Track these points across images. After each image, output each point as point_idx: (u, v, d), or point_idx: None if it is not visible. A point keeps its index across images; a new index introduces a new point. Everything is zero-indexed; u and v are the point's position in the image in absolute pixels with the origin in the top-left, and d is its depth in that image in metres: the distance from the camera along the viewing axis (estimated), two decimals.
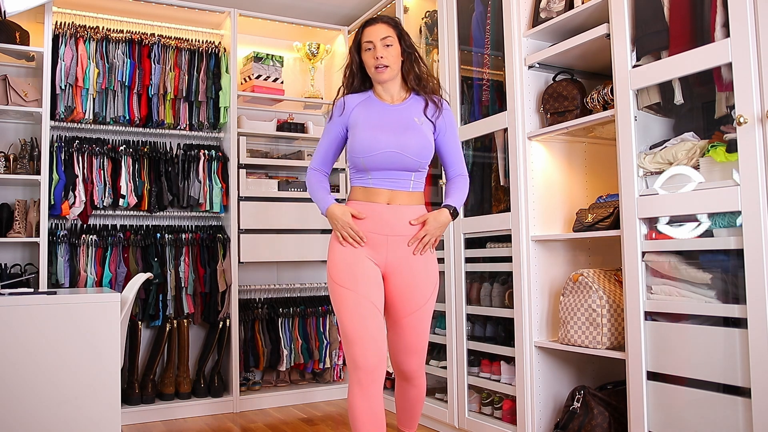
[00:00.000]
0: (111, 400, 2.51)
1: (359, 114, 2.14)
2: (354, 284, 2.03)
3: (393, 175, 2.09)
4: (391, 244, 2.08)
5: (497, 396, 2.98)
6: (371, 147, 2.06)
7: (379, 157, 2.07)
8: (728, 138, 2.05)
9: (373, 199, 2.10)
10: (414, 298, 2.11)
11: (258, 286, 4.05)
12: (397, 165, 2.08)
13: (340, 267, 2.06)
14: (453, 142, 2.21)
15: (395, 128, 2.09)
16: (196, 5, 3.84)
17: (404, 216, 2.10)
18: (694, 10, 2.14)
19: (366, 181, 2.12)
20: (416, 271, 2.11)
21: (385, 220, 2.08)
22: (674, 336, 2.15)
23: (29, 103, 3.38)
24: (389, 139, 2.07)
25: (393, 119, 2.11)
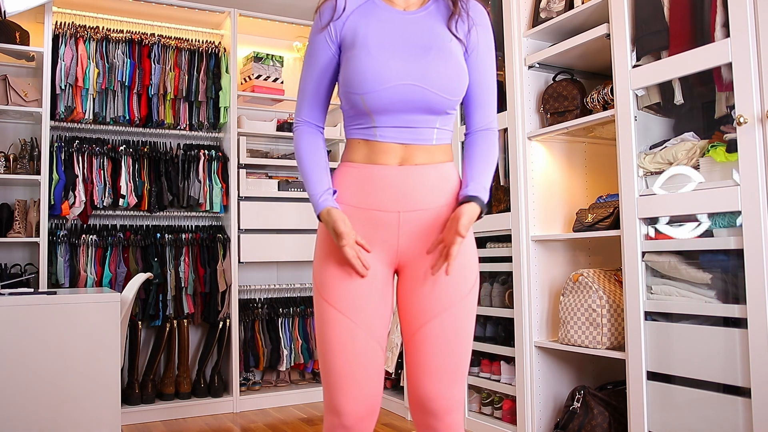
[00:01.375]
0: (111, 400, 2.51)
1: (357, 24, 1.43)
2: (350, 306, 1.38)
3: (410, 122, 1.40)
4: (405, 224, 1.41)
5: (497, 396, 2.98)
6: (377, 78, 1.37)
7: (389, 94, 1.37)
8: (728, 138, 2.05)
9: (379, 160, 1.41)
10: (441, 295, 1.41)
11: (258, 286, 4.05)
12: (417, 106, 1.39)
13: (331, 274, 1.40)
14: (488, 71, 1.49)
15: (413, 48, 1.40)
16: (196, 5, 3.84)
17: (424, 181, 1.41)
18: (694, 10, 2.14)
19: (369, 131, 1.42)
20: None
21: (396, 188, 1.40)
22: (674, 336, 2.15)
23: (29, 103, 3.38)
24: (405, 66, 1.38)
25: (409, 34, 1.42)
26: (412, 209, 1.41)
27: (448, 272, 1.36)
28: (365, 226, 1.41)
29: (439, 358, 1.39)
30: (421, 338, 1.40)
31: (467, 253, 1.44)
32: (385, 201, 1.41)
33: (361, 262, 1.38)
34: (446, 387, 1.39)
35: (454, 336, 1.40)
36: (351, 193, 1.43)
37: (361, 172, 1.43)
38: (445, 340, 1.40)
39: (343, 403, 1.37)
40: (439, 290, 1.41)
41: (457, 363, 1.40)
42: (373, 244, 1.41)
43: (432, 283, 1.41)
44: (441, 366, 1.39)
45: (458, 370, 1.41)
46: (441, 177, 1.43)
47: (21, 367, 2.38)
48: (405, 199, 1.40)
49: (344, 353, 1.37)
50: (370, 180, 1.42)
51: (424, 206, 1.41)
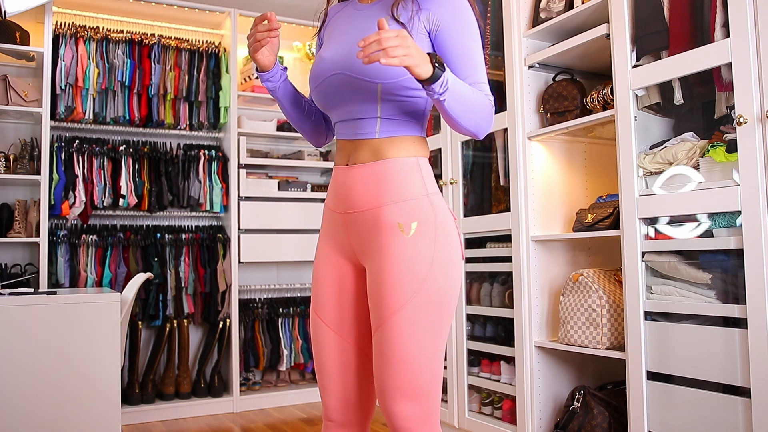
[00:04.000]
0: (111, 400, 2.51)
1: (331, 27, 1.48)
2: (319, 304, 1.42)
3: (350, 114, 1.38)
4: (348, 225, 1.39)
5: (497, 396, 2.98)
6: (315, 75, 1.40)
7: (323, 88, 1.38)
8: (728, 138, 2.05)
9: (337, 161, 1.44)
10: (377, 306, 1.31)
11: (258, 286, 4.05)
12: (348, 96, 1.35)
13: (313, 279, 1.46)
14: (460, 44, 1.36)
15: (351, 37, 1.37)
16: (196, 5, 3.84)
17: (360, 181, 1.36)
18: (694, 10, 2.14)
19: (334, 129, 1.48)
20: (381, 263, 1.32)
21: (340, 190, 1.40)
22: (674, 336, 2.15)
23: (29, 103, 3.38)
24: (335, 57, 1.36)
25: (354, 27, 1.40)
26: (350, 211, 1.38)
27: (360, 54, 1.16)
28: (332, 226, 1.44)
29: (385, 373, 1.28)
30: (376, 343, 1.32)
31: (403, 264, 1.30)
32: (336, 202, 1.42)
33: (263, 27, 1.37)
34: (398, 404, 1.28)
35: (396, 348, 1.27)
36: (329, 196, 1.46)
37: (333, 174, 1.46)
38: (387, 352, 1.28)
39: (325, 398, 1.40)
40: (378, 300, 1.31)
41: (406, 376, 1.27)
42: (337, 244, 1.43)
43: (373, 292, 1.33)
44: (388, 381, 1.28)
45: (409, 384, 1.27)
46: (376, 176, 1.34)
47: (21, 367, 2.38)
48: (345, 201, 1.39)
49: (318, 353, 1.41)
50: (332, 182, 1.45)
51: (358, 208, 1.36)
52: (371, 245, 1.35)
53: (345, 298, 1.40)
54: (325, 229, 1.46)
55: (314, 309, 1.42)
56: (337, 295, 1.40)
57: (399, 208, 1.33)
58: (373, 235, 1.34)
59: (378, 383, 1.31)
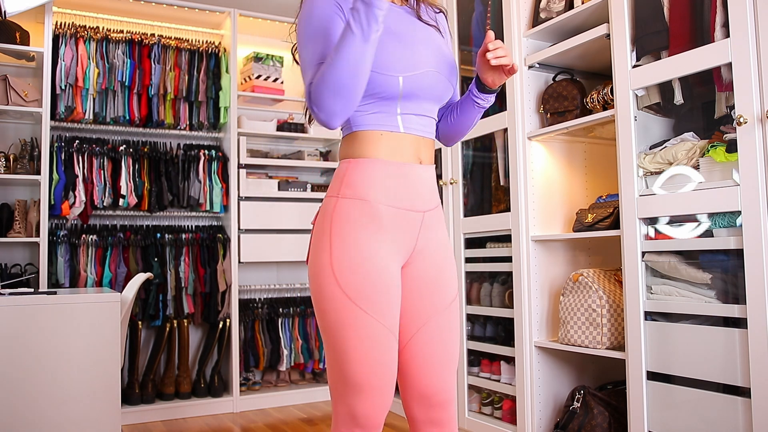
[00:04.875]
0: (111, 400, 2.51)
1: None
2: (378, 307, 1.31)
3: (426, 111, 1.40)
4: (425, 224, 1.40)
5: (497, 396, 2.98)
6: (413, 61, 1.34)
7: (422, 79, 1.35)
8: (728, 138, 2.05)
9: (402, 157, 1.36)
10: (442, 292, 1.42)
11: (258, 286, 4.05)
12: (435, 94, 1.40)
13: (360, 272, 1.31)
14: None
15: (423, 36, 1.42)
16: (196, 5, 3.84)
17: (433, 180, 1.45)
18: (694, 10, 2.14)
19: (391, 120, 1.36)
20: (444, 252, 1.45)
21: (423, 188, 1.40)
22: (674, 336, 2.15)
23: (29, 103, 3.38)
24: (432, 55, 1.39)
25: (407, 22, 1.42)
26: (430, 208, 1.42)
27: (512, 67, 1.38)
28: (396, 226, 1.36)
29: (441, 355, 1.43)
30: (425, 333, 1.41)
31: (453, 257, 1.50)
32: (416, 200, 1.38)
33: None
34: (449, 378, 1.47)
35: (453, 331, 1.45)
36: (387, 192, 1.35)
37: (395, 170, 1.36)
38: (446, 335, 1.43)
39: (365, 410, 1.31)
40: (441, 288, 1.43)
41: (456, 355, 1.47)
42: (398, 245, 1.37)
43: (434, 281, 1.42)
44: (442, 362, 1.43)
45: (455, 362, 1.48)
46: (435, 187, 1.48)
47: (21, 367, 2.38)
48: (428, 199, 1.41)
49: (372, 358, 1.31)
50: (405, 179, 1.36)
51: (434, 205, 1.44)
52: (435, 240, 1.43)
53: (396, 302, 1.37)
54: (383, 230, 1.34)
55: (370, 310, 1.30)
56: (394, 299, 1.35)
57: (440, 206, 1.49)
58: (437, 230, 1.44)
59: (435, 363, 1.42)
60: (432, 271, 1.42)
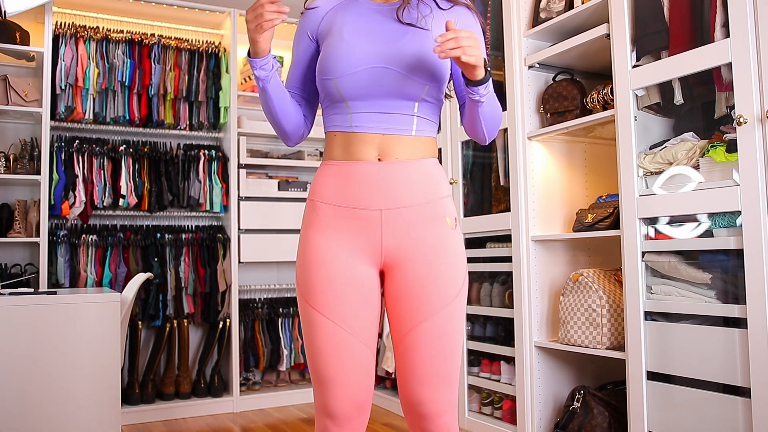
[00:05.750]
0: (111, 400, 2.51)
1: (334, 18, 1.45)
2: (334, 309, 1.35)
3: (385, 108, 1.37)
4: (387, 222, 1.36)
5: (497, 396, 2.98)
6: (349, 62, 1.35)
7: (361, 77, 1.35)
8: (728, 138, 2.05)
9: (357, 155, 1.37)
10: (429, 298, 1.36)
11: (258, 286, 4.05)
12: (390, 90, 1.35)
13: (312, 275, 1.37)
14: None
15: (387, 33, 1.39)
16: (196, 5, 3.84)
17: (405, 177, 1.37)
18: (694, 10, 2.15)
19: (344, 120, 1.39)
20: (431, 255, 1.37)
21: (377, 185, 1.36)
22: (674, 336, 2.15)
23: (29, 103, 3.38)
24: (377, 49, 1.36)
25: (385, 22, 1.41)
26: (394, 207, 1.36)
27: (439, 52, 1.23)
28: (347, 225, 1.37)
29: (429, 362, 1.36)
30: (410, 342, 1.36)
31: (455, 255, 1.40)
32: (367, 198, 1.36)
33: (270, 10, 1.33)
34: (437, 390, 1.37)
35: (443, 339, 1.36)
36: (332, 192, 1.38)
37: (341, 169, 1.38)
38: (434, 343, 1.35)
39: (334, 405, 1.36)
40: (428, 294, 1.36)
41: (447, 366, 1.37)
42: (356, 245, 1.37)
43: (421, 286, 1.36)
44: (431, 369, 1.36)
45: (448, 373, 1.38)
46: (423, 173, 1.39)
47: (21, 367, 2.38)
48: (387, 197, 1.36)
49: (332, 357, 1.35)
50: (350, 177, 1.37)
51: (405, 203, 1.37)
52: (415, 239, 1.37)
53: (363, 302, 1.37)
54: (330, 227, 1.38)
55: (322, 310, 1.35)
56: (354, 298, 1.36)
57: (445, 204, 1.41)
58: (420, 229, 1.37)
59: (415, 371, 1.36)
60: (416, 277, 1.36)
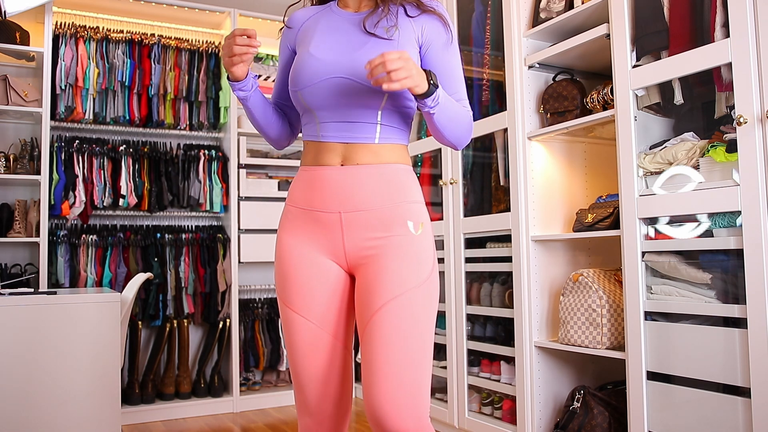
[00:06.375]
0: (111, 400, 2.51)
1: (308, 29, 1.48)
2: (302, 304, 1.40)
3: (349, 117, 1.40)
4: (347, 224, 1.39)
5: (497, 396, 2.98)
6: (311, 73, 1.39)
7: (321, 88, 1.38)
8: (728, 138, 2.05)
9: (323, 161, 1.42)
10: (383, 288, 1.33)
11: (258, 286, 4.05)
12: (351, 100, 1.38)
13: (285, 273, 1.44)
14: (447, 62, 1.46)
15: (351, 44, 1.41)
16: (196, 5, 3.84)
17: (365, 180, 1.39)
18: (694, 10, 2.14)
19: (313, 130, 1.44)
20: (388, 255, 1.37)
21: (337, 188, 1.39)
22: (674, 336, 2.15)
23: (29, 103, 3.38)
24: (338, 60, 1.38)
25: (352, 32, 1.43)
26: (353, 210, 1.39)
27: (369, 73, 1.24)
28: (311, 227, 1.42)
29: (382, 356, 1.27)
30: (365, 338, 1.32)
31: (417, 255, 1.37)
32: (327, 201, 1.40)
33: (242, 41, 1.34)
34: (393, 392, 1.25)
35: (406, 326, 1.29)
36: (299, 195, 1.45)
37: (308, 174, 1.44)
38: (389, 332, 1.28)
39: (312, 402, 1.40)
40: (380, 284, 1.33)
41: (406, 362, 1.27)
42: (321, 245, 1.41)
43: (374, 279, 1.35)
44: (384, 364, 1.27)
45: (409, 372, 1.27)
46: (384, 177, 1.40)
47: (21, 367, 2.38)
48: (346, 200, 1.39)
49: (306, 354, 1.39)
50: (314, 181, 1.42)
51: (365, 207, 1.39)
52: (375, 243, 1.38)
53: (331, 297, 1.41)
54: (298, 229, 1.43)
55: (295, 308, 1.40)
56: (322, 294, 1.40)
57: (409, 209, 1.40)
58: (379, 232, 1.38)
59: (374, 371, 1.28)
60: (374, 272, 1.36)
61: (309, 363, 1.39)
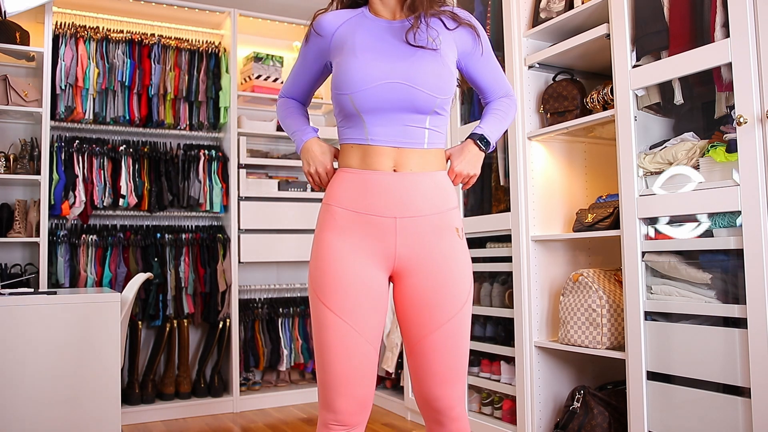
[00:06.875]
0: (111, 400, 2.51)
1: (346, 34, 1.52)
2: (345, 307, 1.42)
3: (400, 122, 1.45)
4: (402, 230, 1.44)
5: (497, 396, 2.98)
6: (363, 77, 1.43)
7: (375, 92, 1.43)
8: (728, 138, 2.05)
9: (373, 165, 1.45)
10: (442, 307, 1.45)
11: (258, 286, 4.05)
12: (404, 105, 1.44)
13: (329, 274, 1.44)
14: (488, 62, 1.61)
15: (399, 50, 1.47)
16: (196, 5, 3.84)
17: (419, 188, 1.46)
18: (694, 10, 2.15)
19: (360, 134, 1.47)
20: (443, 264, 1.46)
21: (392, 195, 1.44)
22: (674, 336, 2.15)
23: (29, 103, 3.38)
24: (391, 65, 1.44)
25: (396, 39, 1.49)
26: (409, 215, 1.45)
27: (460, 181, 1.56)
28: (362, 230, 1.45)
29: (442, 364, 1.46)
30: (424, 347, 1.47)
31: (463, 263, 1.49)
32: (382, 206, 1.44)
33: (322, 182, 1.55)
34: (450, 388, 1.48)
35: (455, 343, 1.47)
36: (348, 198, 1.46)
37: (357, 176, 1.46)
38: (446, 348, 1.46)
39: (338, 401, 1.43)
40: (439, 302, 1.45)
41: (457, 365, 1.49)
42: (370, 250, 1.45)
43: (433, 294, 1.45)
44: (444, 371, 1.47)
45: (458, 371, 1.49)
46: (435, 185, 1.48)
47: (21, 367, 2.38)
48: (401, 206, 1.44)
49: (339, 354, 1.42)
50: (366, 185, 1.45)
51: (419, 213, 1.45)
52: (428, 247, 1.46)
53: (373, 305, 1.45)
54: (347, 231, 1.46)
55: (332, 307, 1.42)
56: (365, 300, 1.43)
57: (453, 215, 1.50)
58: (432, 238, 1.46)
59: (433, 374, 1.46)
60: (429, 285, 1.46)
61: (339, 362, 1.42)
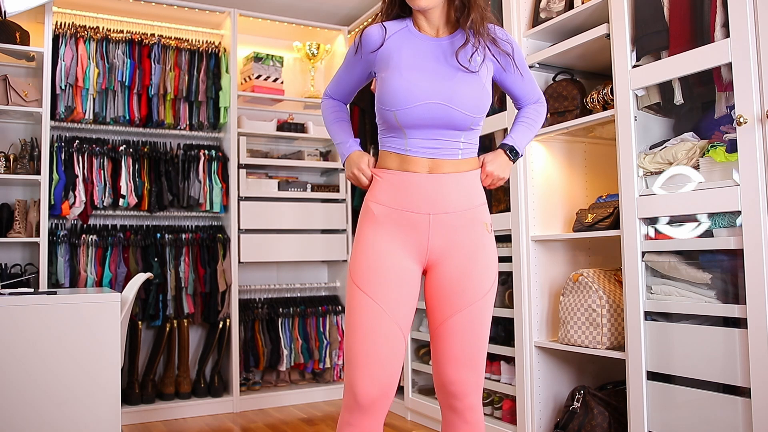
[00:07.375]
0: (111, 400, 2.51)
1: (392, 49, 1.62)
2: (378, 291, 1.54)
3: (437, 137, 1.58)
4: (434, 225, 1.58)
5: (497, 396, 2.98)
6: (408, 96, 1.55)
7: (418, 111, 1.55)
8: (728, 138, 2.06)
9: (410, 168, 1.59)
10: (464, 292, 1.58)
11: (258, 286, 4.05)
12: (443, 123, 1.57)
13: (365, 262, 1.57)
14: (522, 74, 1.73)
15: (441, 70, 1.58)
16: (196, 5, 3.84)
17: (451, 186, 1.59)
18: (694, 10, 2.15)
19: (400, 144, 1.60)
20: (471, 254, 1.60)
21: (427, 193, 1.58)
22: (674, 336, 2.15)
23: (29, 103, 3.38)
24: (433, 86, 1.56)
25: (438, 58, 1.60)
26: (442, 212, 1.58)
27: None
28: (398, 225, 1.58)
29: (459, 348, 1.58)
30: (444, 330, 1.59)
31: (489, 256, 1.62)
32: (417, 203, 1.58)
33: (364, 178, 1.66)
34: (465, 372, 1.58)
35: (473, 329, 1.58)
36: (386, 195, 1.60)
37: (394, 176, 1.60)
38: (465, 332, 1.57)
39: (360, 383, 1.51)
40: (463, 288, 1.58)
41: (474, 352, 1.59)
42: (405, 243, 1.58)
43: (457, 281, 1.58)
44: (460, 355, 1.58)
45: (476, 359, 1.59)
46: (467, 184, 1.61)
47: (21, 367, 2.38)
48: (435, 203, 1.58)
49: (369, 335, 1.52)
50: (403, 184, 1.59)
51: (451, 209, 1.58)
52: (458, 240, 1.59)
53: (406, 292, 1.56)
54: (386, 226, 1.59)
55: (367, 291, 1.53)
56: (398, 286, 1.55)
57: (482, 210, 1.64)
58: (462, 231, 1.60)
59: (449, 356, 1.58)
60: (455, 273, 1.58)
61: (366, 341, 1.52)
